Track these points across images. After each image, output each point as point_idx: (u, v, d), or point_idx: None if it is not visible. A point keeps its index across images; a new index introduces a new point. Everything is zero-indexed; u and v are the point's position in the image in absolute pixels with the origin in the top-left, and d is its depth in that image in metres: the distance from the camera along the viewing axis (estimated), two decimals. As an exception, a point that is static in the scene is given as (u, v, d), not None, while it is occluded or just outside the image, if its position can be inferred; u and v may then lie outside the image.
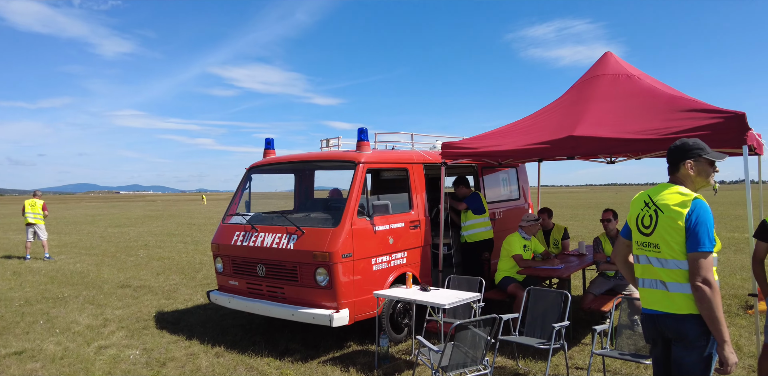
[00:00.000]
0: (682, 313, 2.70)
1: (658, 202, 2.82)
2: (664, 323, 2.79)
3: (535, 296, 5.28)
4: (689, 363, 2.71)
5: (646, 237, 2.85)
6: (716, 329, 2.59)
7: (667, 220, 2.73)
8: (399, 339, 5.91)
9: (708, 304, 2.58)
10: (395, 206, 6.08)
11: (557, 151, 5.50)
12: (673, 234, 2.71)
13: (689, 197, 2.73)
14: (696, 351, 2.69)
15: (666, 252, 2.74)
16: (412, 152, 6.75)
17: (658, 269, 2.79)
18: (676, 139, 4.76)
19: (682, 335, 2.72)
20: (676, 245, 2.70)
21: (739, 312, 6.95)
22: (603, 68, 6.24)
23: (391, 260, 5.89)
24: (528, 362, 5.25)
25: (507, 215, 8.10)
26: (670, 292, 2.74)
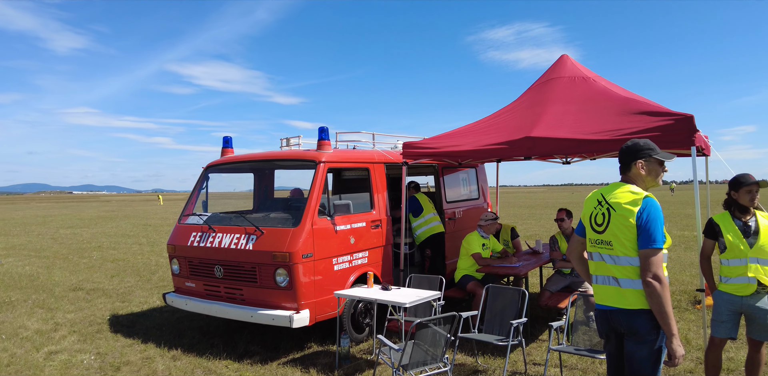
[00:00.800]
0: (634, 308, 2.78)
1: (611, 200, 2.89)
2: (616, 318, 2.87)
3: (493, 293, 5.36)
4: (640, 357, 2.80)
5: (599, 235, 2.92)
6: (665, 323, 2.68)
7: (619, 218, 2.81)
8: (360, 339, 5.91)
9: (658, 299, 2.67)
10: (357, 205, 6.08)
11: (515, 151, 5.59)
12: (625, 232, 2.78)
13: (640, 196, 2.81)
14: (647, 345, 2.78)
15: (618, 249, 2.82)
16: (374, 152, 6.75)
17: (611, 266, 2.87)
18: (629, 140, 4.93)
19: (633, 330, 2.80)
20: (628, 242, 2.78)
21: (688, 307, 7.21)
22: (559, 71, 6.38)
23: (352, 259, 5.88)
24: (487, 358, 5.33)
25: (467, 214, 8.20)
26: (623, 288, 2.82)
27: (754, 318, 3.99)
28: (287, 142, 6.83)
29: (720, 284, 4.10)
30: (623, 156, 2.99)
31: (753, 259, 3.90)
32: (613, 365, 3.05)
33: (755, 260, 3.90)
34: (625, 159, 2.98)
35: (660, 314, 2.69)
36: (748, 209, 4.01)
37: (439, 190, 7.68)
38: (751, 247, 3.90)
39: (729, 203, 4.10)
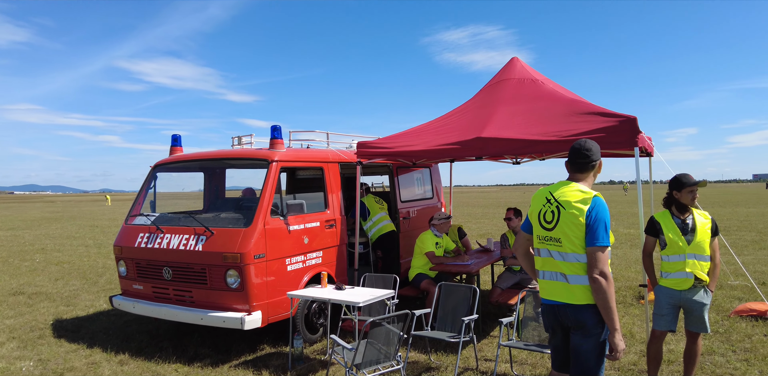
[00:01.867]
0: (581, 303, 2.89)
1: (560, 198, 2.97)
2: (564, 313, 2.96)
3: (446, 291, 5.42)
4: (586, 350, 2.90)
5: (548, 232, 3.00)
6: (609, 318, 2.79)
7: (569, 216, 2.89)
8: (314, 339, 5.88)
9: (603, 294, 2.77)
10: (310, 205, 6.04)
11: (466, 151, 5.67)
12: (574, 229, 2.87)
13: (590, 195, 2.90)
14: (592, 338, 2.89)
15: (567, 246, 2.91)
16: (328, 151, 6.73)
17: (559, 262, 2.95)
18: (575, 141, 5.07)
19: (580, 324, 2.90)
20: (577, 239, 2.87)
21: (633, 302, 7.48)
22: (510, 73, 6.51)
23: (306, 259, 5.84)
24: (440, 355, 5.38)
25: (421, 213, 8.27)
26: (570, 284, 2.91)
27: (691, 311, 4.18)
28: (239, 140, 6.73)
29: (660, 279, 4.28)
30: (584, 156, 3.03)
31: (690, 255, 4.09)
32: (557, 358, 3.14)
33: (693, 256, 4.09)
34: (585, 159, 3.03)
35: (604, 309, 2.79)
36: (686, 207, 4.19)
37: (394, 190, 7.72)
38: (689, 244, 4.09)
39: (669, 201, 4.27)
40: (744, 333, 5.88)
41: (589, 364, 2.91)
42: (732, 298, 7.54)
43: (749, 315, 6.50)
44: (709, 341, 5.62)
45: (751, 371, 4.78)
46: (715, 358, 5.14)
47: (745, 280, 8.37)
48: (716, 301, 7.35)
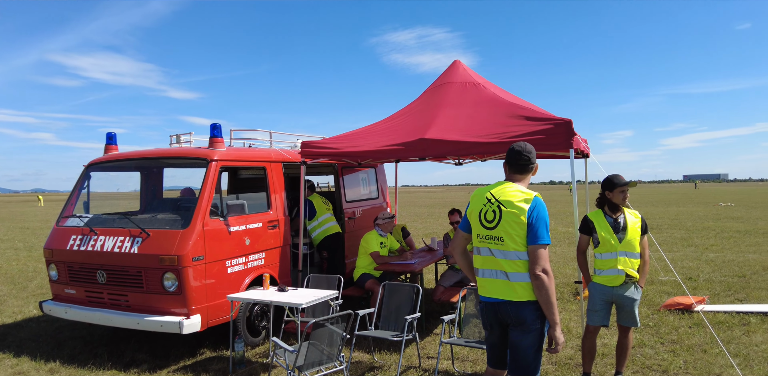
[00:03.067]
0: (522, 300, 2.97)
1: (501, 198, 3.04)
2: (504, 310, 3.04)
3: (390, 290, 5.45)
4: (525, 345, 2.99)
5: (490, 231, 3.06)
6: (550, 312, 2.90)
7: (511, 215, 2.97)
8: (256, 342, 5.79)
9: (545, 291, 2.88)
10: (253, 205, 5.94)
11: (410, 152, 5.73)
12: (516, 228, 2.96)
13: (530, 195, 3.00)
14: (532, 334, 2.98)
15: (509, 245, 2.98)
16: (270, 150, 6.63)
17: (500, 260, 3.02)
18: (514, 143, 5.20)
19: (520, 320, 2.99)
20: (518, 237, 2.96)
21: (570, 298, 7.75)
22: (452, 76, 6.62)
23: (247, 261, 5.74)
24: (384, 354, 5.41)
25: (366, 213, 8.28)
26: (511, 281, 2.99)
27: (622, 306, 4.37)
28: (178, 139, 6.54)
29: (594, 276, 4.45)
30: (523, 158, 3.13)
31: (622, 252, 4.27)
32: (494, 355, 3.21)
33: (624, 254, 4.27)
34: (525, 161, 3.13)
35: (546, 304, 2.89)
36: (618, 206, 4.37)
37: (339, 190, 7.70)
38: (620, 242, 4.26)
39: (601, 201, 4.45)
40: (671, 326, 6.19)
41: (528, 359, 3.00)
42: (661, 293, 7.93)
43: (677, 308, 6.85)
44: (639, 335, 5.89)
45: (677, 361, 5.04)
46: (645, 350, 5.39)
47: (673, 275, 8.81)
48: (647, 296, 7.71)
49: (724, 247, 13.17)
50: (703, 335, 5.78)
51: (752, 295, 7.70)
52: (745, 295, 7.74)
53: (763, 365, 4.89)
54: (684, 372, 4.79)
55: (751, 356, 5.11)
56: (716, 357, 5.08)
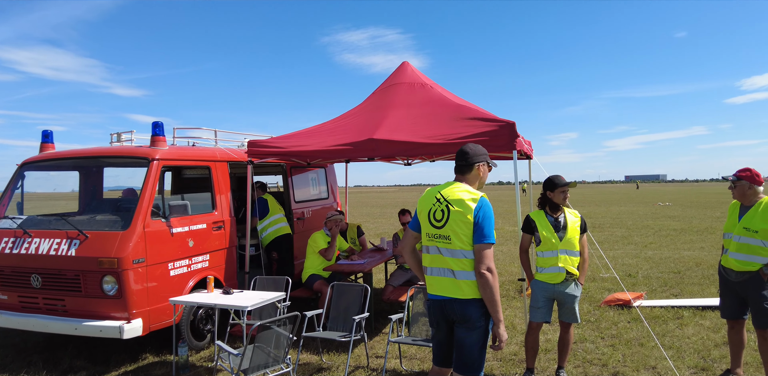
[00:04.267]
0: (468, 298, 3.02)
1: (449, 198, 3.09)
2: (450, 307, 3.08)
3: (338, 291, 5.44)
4: (470, 342, 3.04)
5: (438, 230, 3.11)
6: (494, 310, 2.95)
7: (458, 214, 3.02)
8: (201, 346, 5.66)
9: (489, 289, 2.93)
10: (197, 206, 5.80)
11: (359, 152, 5.73)
12: (463, 227, 3.00)
13: (477, 195, 3.06)
14: (476, 331, 3.03)
15: (456, 243, 3.03)
16: (216, 149, 6.49)
17: (447, 259, 3.07)
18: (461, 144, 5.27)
19: (466, 318, 3.03)
20: (465, 236, 3.01)
21: (515, 296, 7.92)
22: (401, 77, 6.67)
23: (191, 263, 5.60)
24: (332, 355, 5.39)
25: (316, 214, 8.23)
26: (458, 279, 3.04)
27: (563, 303, 4.50)
28: (118, 137, 6.32)
29: (536, 273, 4.57)
30: (467, 158, 3.20)
31: (563, 251, 4.39)
32: (440, 353, 3.25)
33: (564, 252, 4.40)
34: (468, 161, 3.19)
35: (490, 302, 2.94)
36: (559, 206, 4.50)
37: (288, 190, 7.61)
38: (561, 240, 4.39)
39: (543, 201, 4.57)
40: (611, 321, 6.42)
41: (472, 356, 3.05)
42: (602, 289, 8.21)
43: (616, 304, 7.11)
44: (581, 330, 6.08)
45: (615, 355, 5.23)
46: (586, 345, 5.57)
47: (614, 273, 9.14)
48: (588, 292, 7.97)
49: (661, 245, 13.76)
50: (640, 329, 6.02)
51: (686, 290, 8.08)
52: (680, 290, 8.11)
53: (693, 357, 5.13)
54: (622, 365, 4.98)
55: (683, 348, 5.36)
56: (652, 350, 5.30)
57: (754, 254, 4.14)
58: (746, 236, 4.16)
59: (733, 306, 4.41)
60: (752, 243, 4.14)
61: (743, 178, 4.23)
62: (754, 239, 4.12)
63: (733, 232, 4.25)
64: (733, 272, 4.28)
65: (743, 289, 4.25)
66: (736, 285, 4.29)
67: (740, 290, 4.28)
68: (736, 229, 4.23)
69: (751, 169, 4.24)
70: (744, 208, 4.28)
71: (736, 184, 4.26)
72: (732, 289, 4.36)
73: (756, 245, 4.13)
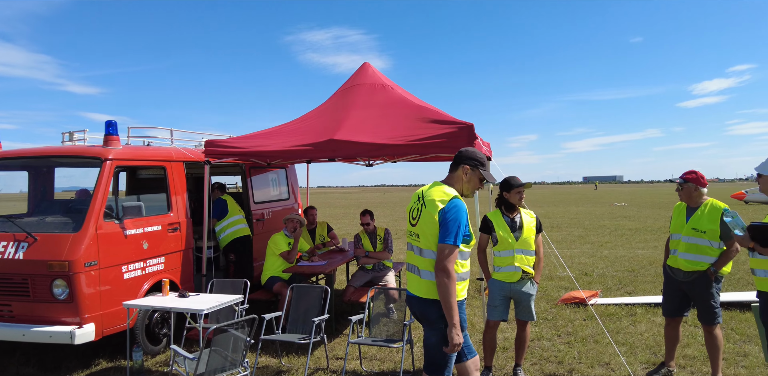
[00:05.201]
0: (427, 297, 3.05)
1: (426, 198, 3.12)
2: (413, 305, 3.14)
3: (298, 293, 5.40)
4: (432, 343, 3.05)
5: (412, 227, 3.18)
6: (448, 312, 2.91)
7: (427, 214, 3.05)
8: (157, 351, 5.53)
9: (444, 289, 2.91)
10: (152, 207, 5.67)
11: (320, 153, 5.70)
12: (431, 226, 3.02)
13: (450, 196, 3.05)
14: (437, 332, 3.03)
15: (423, 242, 3.07)
16: (171, 149, 6.35)
17: (416, 257, 3.12)
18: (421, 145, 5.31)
19: (425, 317, 3.07)
20: (432, 236, 3.02)
21: (474, 295, 8.01)
22: (362, 78, 6.67)
23: (146, 266, 5.47)
24: (292, 358, 5.34)
25: (276, 215, 8.14)
26: (422, 278, 3.08)
27: (520, 301, 4.58)
28: (70, 136, 6.12)
29: (493, 273, 4.63)
30: (456, 157, 3.25)
31: (518, 250, 4.47)
32: None
33: (520, 251, 4.48)
34: (456, 159, 3.24)
35: (445, 303, 2.92)
36: (515, 206, 4.58)
37: (247, 190, 7.51)
38: (517, 240, 4.47)
39: (500, 202, 4.64)
40: (567, 319, 6.57)
41: (437, 355, 3.04)
42: (559, 288, 8.39)
43: (572, 302, 7.27)
44: (538, 328, 6.19)
45: (571, 352, 5.35)
46: (543, 342, 5.68)
47: (571, 271, 9.35)
48: (546, 291, 8.14)
49: (617, 244, 14.15)
50: (595, 326, 6.17)
51: (639, 288, 8.33)
52: (634, 288, 8.36)
53: (645, 352, 5.30)
54: (578, 362, 5.09)
55: (635, 345, 5.53)
56: (606, 347, 5.44)
57: (702, 253, 4.29)
58: (695, 236, 4.31)
59: (676, 305, 4.57)
60: (700, 243, 4.29)
61: (689, 181, 4.38)
62: (702, 239, 4.27)
63: (682, 233, 4.39)
64: (681, 272, 4.42)
65: (691, 288, 4.40)
66: (684, 285, 4.43)
67: (687, 289, 4.42)
68: (685, 230, 4.37)
69: (697, 172, 4.40)
70: (690, 209, 4.43)
71: (683, 186, 4.41)
72: (677, 288, 4.50)
73: (704, 245, 4.28)
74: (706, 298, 4.32)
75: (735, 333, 5.83)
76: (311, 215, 7.82)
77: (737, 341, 5.60)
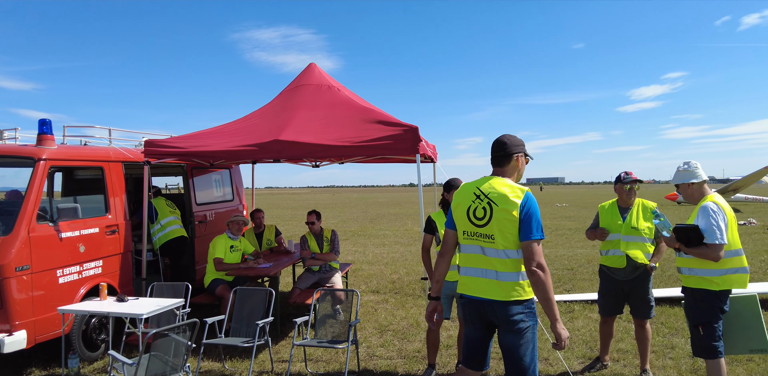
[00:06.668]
0: (509, 299, 2.89)
1: (491, 194, 2.95)
2: (491, 309, 2.94)
3: (241, 295, 5.34)
4: (520, 346, 2.90)
5: (479, 228, 2.96)
6: (550, 308, 2.81)
7: (503, 212, 2.89)
8: (94, 357, 5.35)
9: (542, 286, 2.80)
10: (89, 209, 5.48)
11: (264, 153, 5.66)
12: (509, 225, 2.87)
13: (522, 190, 2.93)
14: (523, 333, 2.90)
15: (502, 242, 2.89)
16: (110, 149, 6.15)
17: (492, 259, 2.93)
18: (367, 147, 5.35)
19: (506, 320, 2.90)
20: (511, 235, 2.88)
21: (421, 294, 8.13)
22: (308, 78, 6.65)
23: (82, 270, 5.27)
24: (235, 362, 5.27)
25: (220, 216, 8.00)
26: (501, 281, 2.90)
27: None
28: (0, 135, 5.83)
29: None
30: (505, 148, 3.06)
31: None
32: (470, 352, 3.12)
33: (463, 251, 4.57)
34: (506, 151, 3.06)
35: (545, 300, 2.82)
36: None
37: (189, 192, 7.34)
38: (459, 240, 4.56)
39: (443, 202, 4.74)
40: (509, 316, 6.74)
41: (525, 360, 2.90)
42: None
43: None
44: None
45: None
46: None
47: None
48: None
49: (557, 243, 14.64)
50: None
51: (578, 285, 8.66)
52: (572, 285, 8.68)
53: (582, 347, 5.53)
54: (517, 358, 5.25)
55: (573, 340, 5.75)
56: (545, 343, 5.63)
57: (643, 251, 4.54)
58: (635, 235, 4.55)
59: (613, 304, 4.78)
60: (641, 241, 4.54)
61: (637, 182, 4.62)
62: (642, 237, 4.54)
63: (621, 232, 4.61)
64: (620, 271, 4.63)
65: (629, 285, 4.61)
66: (623, 283, 4.64)
67: (626, 286, 4.64)
68: (624, 229, 4.59)
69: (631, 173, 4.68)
70: (622, 209, 4.67)
71: (634, 186, 4.63)
72: (615, 287, 4.70)
73: (644, 243, 4.53)
74: (644, 294, 4.57)
75: (665, 327, 6.16)
76: (258, 218, 7.70)
77: (666, 334, 5.91)
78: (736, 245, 3.70)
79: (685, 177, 3.86)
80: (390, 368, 5.10)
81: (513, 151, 3.07)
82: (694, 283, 3.77)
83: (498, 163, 3.09)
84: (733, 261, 3.68)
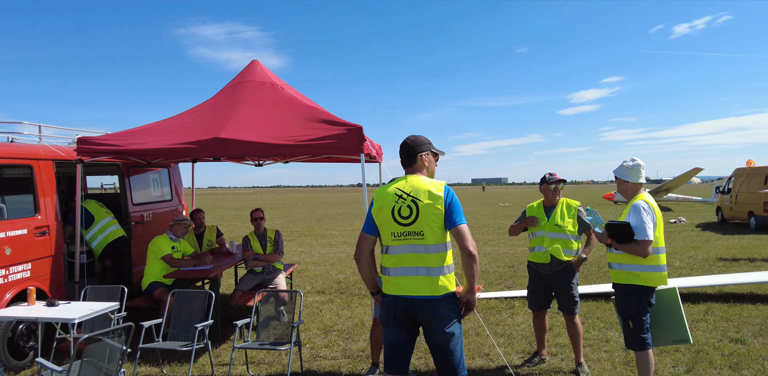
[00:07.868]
0: (440, 294, 2.98)
1: (413, 192, 3.04)
2: (420, 308, 2.98)
3: (180, 298, 5.20)
4: (450, 341, 2.97)
5: (406, 227, 3.02)
6: (472, 282, 3.01)
7: (428, 207, 2.99)
8: (22, 366, 5.09)
9: (476, 265, 2.99)
10: (16, 209, 5.21)
11: (204, 152, 5.49)
12: (436, 218, 2.99)
13: (440, 183, 3.07)
14: (452, 329, 2.97)
15: (431, 237, 2.99)
16: (39, 146, 5.85)
17: (423, 255, 3.01)
18: (311, 146, 5.29)
19: (437, 316, 2.97)
20: (439, 228, 2.99)
21: (366, 294, 8.14)
22: (250, 75, 6.51)
23: (8, 274, 5.00)
24: (174, 366, 5.12)
25: (158, 217, 7.74)
26: (432, 276, 2.98)
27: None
28: None
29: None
30: (408, 149, 3.19)
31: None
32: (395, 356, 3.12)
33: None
34: (410, 152, 3.19)
35: (471, 276, 2.99)
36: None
37: (125, 191, 7.06)
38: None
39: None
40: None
41: (456, 355, 2.98)
42: (446, 284, 8.73)
43: (457, 298, 7.61)
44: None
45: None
46: (428, 338, 5.89)
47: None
48: (433, 288, 8.43)
49: (499, 242, 14.99)
50: (476, 320, 6.50)
51: (518, 282, 8.89)
52: (513, 282, 8.90)
53: (521, 342, 5.68)
54: (459, 354, 5.34)
55: (513, 336, 5.90)
56: (486, 339, 5.76)
57: (565, 247, 4.72)
58: (558, 232, 4.74)
59: (541, 299, 4.98)
60: (564, 238, 4.73)
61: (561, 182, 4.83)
62: (565, 234, 4.72)
63: (545, 230, 4.81)
64: (546, 266, 4.81)
65: (555, 281, 4.80)
66: (549, 278, 4.82)
67: (552, 282, 4.82)
68: (548, 227, 4.79)
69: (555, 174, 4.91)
70: (547, 208, 4.88)
71: (559, 186, 4.84)
72: (542, 282, 4.90)
73: (567, 240, 4.72)
74: (568, 289, 4.76)
75: (600, 321, 6.41)
76: (198, 219, 7.50)
77: (601, 328, 6.15)
78: (660, 243, 3.91)
79: (625, 173, 4.06)
80: (334, 368, 5.08)
81: (417, 150, 3.21)
82: (623, 278, 3.97)
83: (406, 164, 3.24)
84: (658, 258, 3.89)
